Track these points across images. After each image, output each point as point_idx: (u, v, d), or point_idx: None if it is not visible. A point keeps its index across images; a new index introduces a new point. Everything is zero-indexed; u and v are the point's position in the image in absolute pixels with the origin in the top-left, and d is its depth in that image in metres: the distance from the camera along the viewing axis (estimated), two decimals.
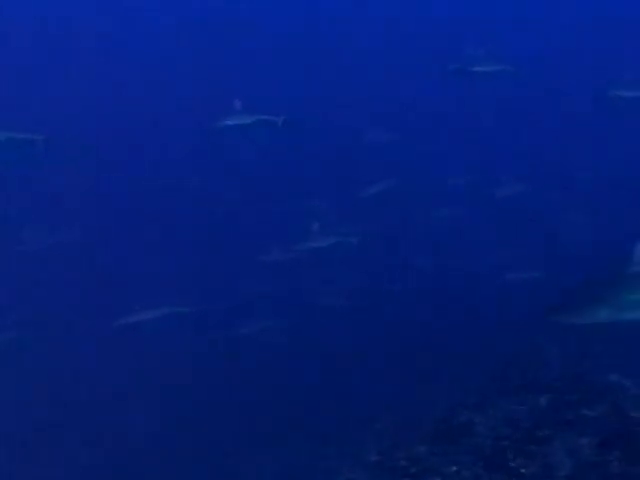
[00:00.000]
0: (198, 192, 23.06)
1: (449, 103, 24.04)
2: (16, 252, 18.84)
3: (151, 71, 30.93)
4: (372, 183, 17.07)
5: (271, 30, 33.33)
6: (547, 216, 18.84)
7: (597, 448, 7.61)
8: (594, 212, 18.31)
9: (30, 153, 11.79)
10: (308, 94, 25.89)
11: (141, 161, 25.60)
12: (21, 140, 11.48)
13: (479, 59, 13.19)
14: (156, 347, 15.35)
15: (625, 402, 8.90)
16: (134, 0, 33.06)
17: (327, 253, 15.25)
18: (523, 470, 7.10)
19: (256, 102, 13.25)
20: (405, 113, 24.64)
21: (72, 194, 22.59)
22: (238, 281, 17.95)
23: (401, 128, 21.60)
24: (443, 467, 7.46)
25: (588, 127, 23.72)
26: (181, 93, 29.02)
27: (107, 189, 23.89)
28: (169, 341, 15.55)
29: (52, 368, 15.36)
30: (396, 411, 10.79)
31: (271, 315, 15.79)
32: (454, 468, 7.38)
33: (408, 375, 12.19)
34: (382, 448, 8.67)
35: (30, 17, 31.21)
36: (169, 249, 20.12)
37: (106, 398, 14.43)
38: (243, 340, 15.47)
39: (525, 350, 11.36)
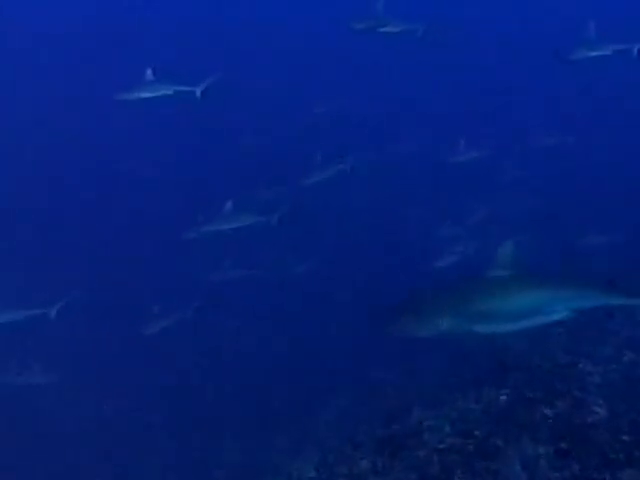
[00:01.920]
0: (122, 174, 21.83)
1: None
2: None
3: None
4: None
5: None
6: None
7: (554, 459, 6.39)
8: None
9: None
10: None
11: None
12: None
13: (387, 18, 11.51)
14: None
15: (589, 395, 7.70)
16: None
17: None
18: None
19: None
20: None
21: None
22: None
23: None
24: None
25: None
26: None
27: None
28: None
29: None
30: (341, 414, 9.61)
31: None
32: None
33: (353, 370, 10.93)
34: (321, 462, 7.44)
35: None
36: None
37: None
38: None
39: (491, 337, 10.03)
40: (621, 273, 10.15)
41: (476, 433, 6.97)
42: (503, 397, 7.83)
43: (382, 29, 11.33)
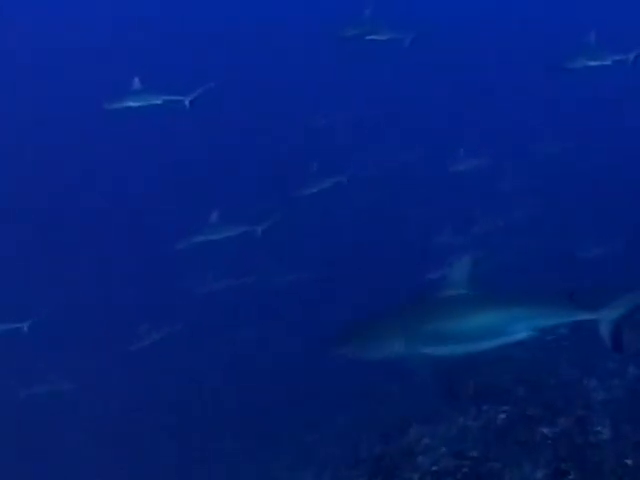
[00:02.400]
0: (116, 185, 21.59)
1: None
2: None
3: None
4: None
5: None
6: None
7: None
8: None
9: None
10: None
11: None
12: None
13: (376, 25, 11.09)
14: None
15: (592, 413, 7.36)
16: None
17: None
18: None
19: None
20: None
21: None
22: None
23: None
24: None
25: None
26: None
27: None
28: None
29: None
30: (338, 432, 9.30)
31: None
32: None
33: (353, 374, 10.58)
34: None
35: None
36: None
37: None
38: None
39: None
40: (621, 278, 9.91)
41: (472, 454, 6.63)
42: (502, 415, 7.48)
43: (370, 37, 10.98)
